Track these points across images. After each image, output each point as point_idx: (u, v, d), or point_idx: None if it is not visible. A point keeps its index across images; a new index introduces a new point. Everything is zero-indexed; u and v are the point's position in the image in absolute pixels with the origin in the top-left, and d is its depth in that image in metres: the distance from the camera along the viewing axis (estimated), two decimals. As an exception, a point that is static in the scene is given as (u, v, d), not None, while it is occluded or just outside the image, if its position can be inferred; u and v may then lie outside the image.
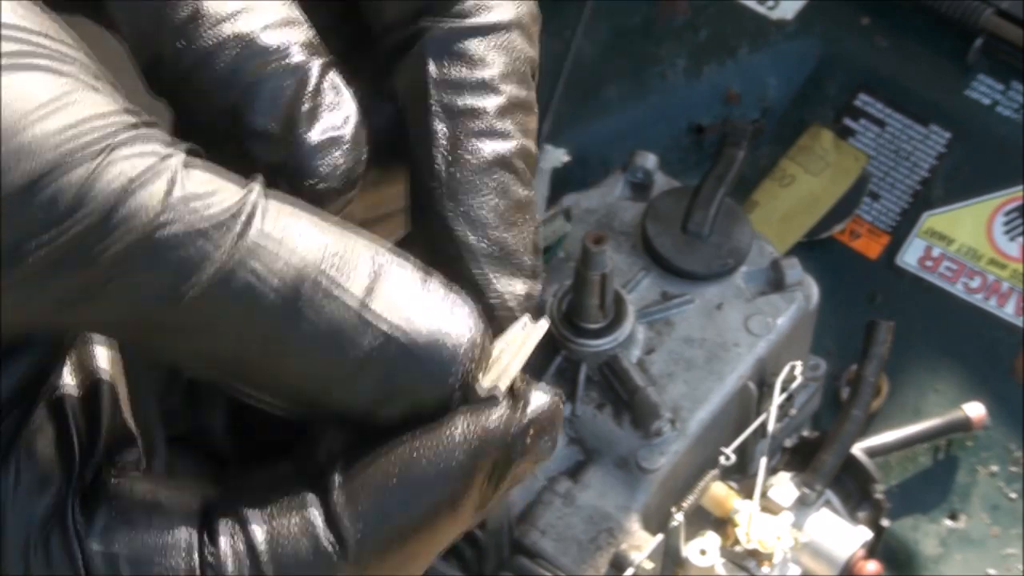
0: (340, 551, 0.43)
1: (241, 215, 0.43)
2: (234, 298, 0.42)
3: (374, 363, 0.44)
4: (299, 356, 0.43)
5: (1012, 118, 1.29)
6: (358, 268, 0.44)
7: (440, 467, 0.44)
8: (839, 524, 1.01)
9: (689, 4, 1.38)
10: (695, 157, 1.31)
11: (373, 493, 0.43)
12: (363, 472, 0.44)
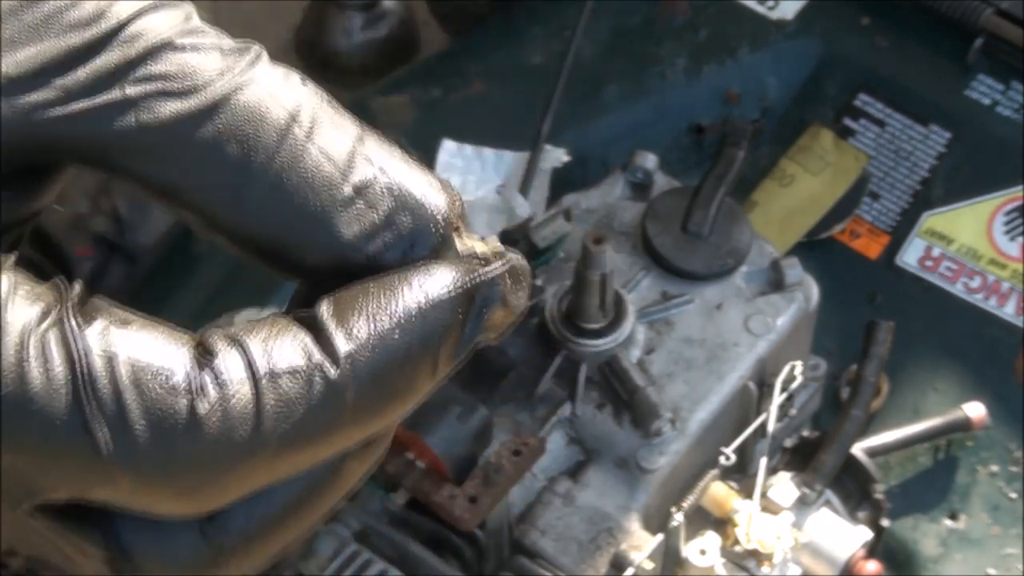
0: (332, 363, 0.42)
1: (249, 52, 0.45)
2: (242, 116, 0.43)
3: (367, 194, 0.44)
4: (299, 178, 0.43)
5: (1012, 118, 1.29)
6: (349, 119, 0.47)
7: (428, 296, 0.43)
8: (839, 524, 1.01)
9: (689, 4, 1.38)
10: (695, 157, 1.31)
11: (361, 315, 0.43)
12: (351, 297, 0.43)
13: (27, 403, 0.39)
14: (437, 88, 1.35)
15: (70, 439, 0.40)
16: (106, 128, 0.42)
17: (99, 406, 0.40)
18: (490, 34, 1.43)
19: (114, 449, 0.40)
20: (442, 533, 0.92)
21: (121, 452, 0.40)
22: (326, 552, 0.90)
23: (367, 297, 0.43)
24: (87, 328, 0.41)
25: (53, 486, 0.40)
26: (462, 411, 0.86)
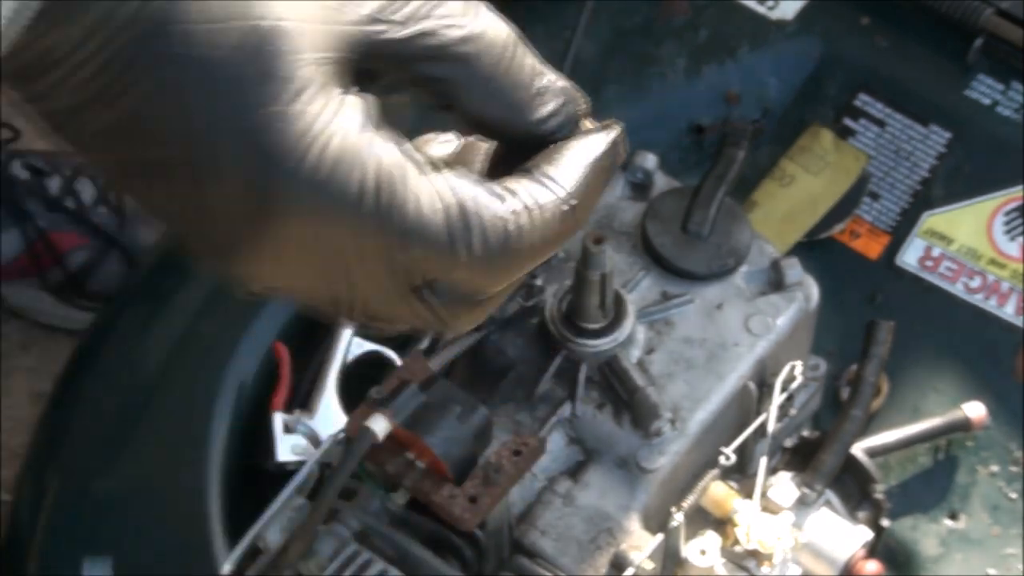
0: (570, 196, 0.65)
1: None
2: (486, 41, 0.69)
3: (547, 92, 0.68)
4: (511, 81, 0.68)
5: (1012, 118, 1.29)
6: (529, 45, 0.71)
7: (600, 147, 0.67)
8: (839, 524, 1.01)
9: (689, 4, 1.38)
10: (695, 157, 1.31)
11: (572, 164, 0.66)
12: (559, 155, 0.66)
13: (425, 225, 0.60)
14: (437, 88, 1.35)
15: (444, 246, 0.61)
16: (416, 44, 0.63)
17: (463, 226, 0.61)
18: (490, 34, 1.43)
19: (467, 251, 0.61)
20: (442, 533, 0.92)
21: (469, 252, 0.61)
22: (326, 552, 0.90)
23: (570, 152, 0.66)
24: (450, 176, 0.63)
25: (433, 272, 0.62)
26: (462, 411, 0.86)
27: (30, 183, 1.69)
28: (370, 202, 0.59)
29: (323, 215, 0.58)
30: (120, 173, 0.60)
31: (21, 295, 1.74)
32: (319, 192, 0.58)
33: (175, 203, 0.59)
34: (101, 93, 0.56)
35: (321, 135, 0.58)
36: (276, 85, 0.56)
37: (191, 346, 1.23)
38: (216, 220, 0.59)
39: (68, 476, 1.19)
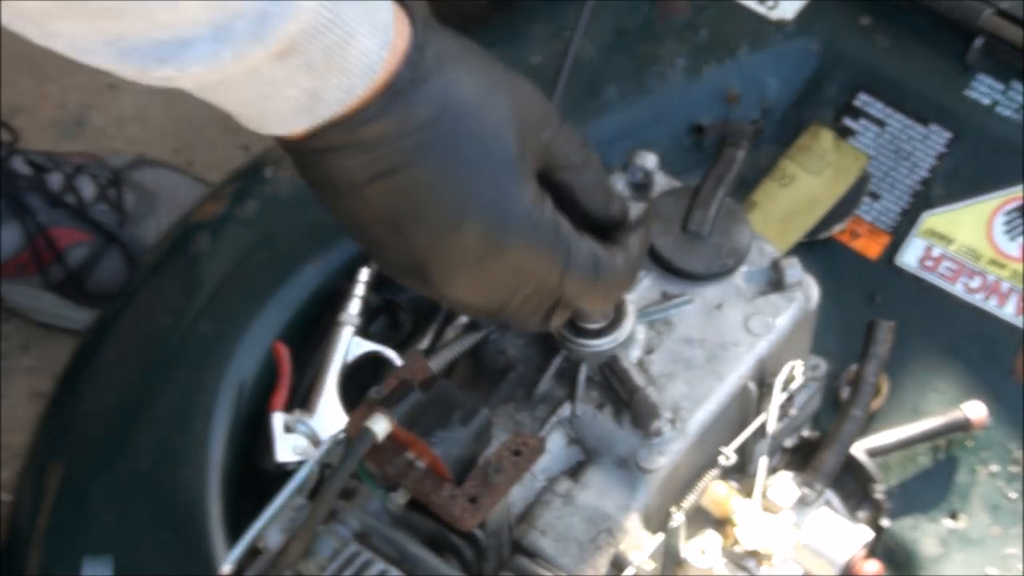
0: (631, 257, 0.91)
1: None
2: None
3: (616, 196, 0.92)
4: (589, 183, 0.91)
5: (1012, 118, 1.29)
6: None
7: (645, 234, 0.93)
8: (839, 524, 1.01)
9: (689, 4, 1.38)
10: (695, 157, 1.31)
11: (634, 238, 0.91)
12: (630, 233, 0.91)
13: (580, 267, 0.87)
14: (437, 88, 1.35)
15: (587, 282, 0.87)
16: (564, 159, 0.88)
17: (596, 271, 0.88)
18: (490, 34, 1.43)
19: (595, 287, 0.88)
20: (442, 533, 0.92)
21: (595, 287, 0.88)
22: (326, 552, 0.90)
23: (635, 235, 0.91)
24: (588, 238, 0.88)
25: (568, 296, 0.88)
26: (462, 411, 0.86)
27: (31, 179, 1.69)
28: (561, 249, 0.85)
29: (533, 252, 0.84)
30: (381, 224, 0.81)
31: (21, 294, 1.74)
32: (537, 237, 0.83)
33: (420, 247, 0.82)
34: (395, 166, 0.78)
35: (539, 201, 0.83)
36: (517, 169, 0.82)
37: (191, 346, 1.23)
38: (455, 255, 0.82)
39: (68, 476, 1.19)
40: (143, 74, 0.69)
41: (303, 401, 1.16)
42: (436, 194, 0.80)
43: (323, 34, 0.72)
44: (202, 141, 1.97)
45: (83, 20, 0.66)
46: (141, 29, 0.67)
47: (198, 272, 1.27)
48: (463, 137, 0.79)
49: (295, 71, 0.72)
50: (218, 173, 1.72)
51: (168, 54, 0.68)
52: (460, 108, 0.79)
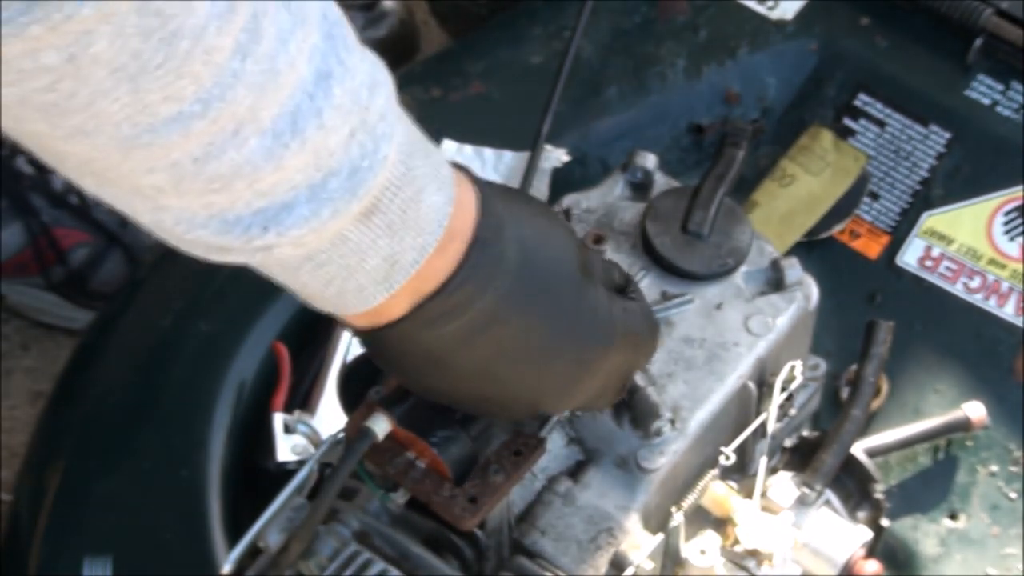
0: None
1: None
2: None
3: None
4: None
5: (1012, 118, 1.29)
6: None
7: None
8: (839, 524, 1.01)
9: (689, 4, 1.38)
10: (695, 157, 1.31)
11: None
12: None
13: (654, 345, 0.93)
14: (437, 88, 1.36)
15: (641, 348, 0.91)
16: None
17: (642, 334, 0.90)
18: (490, 34, 1.43)
19: (648, 343, 0.92)
20: (442, 533, 0.92)
21: (649, 342, 0.92)
22: (326, 552, 0.90)
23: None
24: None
25: (638, 362, 0.93)
26: (462, 412, 0.86)
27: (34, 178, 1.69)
28: (635, 331, 0.88)
29: (621, 349, 0.86)
30: (476, 379, 0.81)
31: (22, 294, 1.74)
32: (620, 335, 0.86)
33: (521, 388, 0.83)
34: (487, 321, 0.78)
35: (609, 301, 0.85)
36: (588, 284, 0.83)
37: (191, 346, 1.23)
38: (557, 382, 0.84)
39: (68, 476, 1.19)
40: (246, 244, 0.70)
41: (303, 401, 1.16)
42: (528, 336, 0.80)
43: (400, 189, 0.73)
44: (202, 141, 1.97)
45: (194, 194, 0.67)
46: (246, 198, 0.68)
47: (198, 272, 1.27)
48: (542, 274, 0.80)
49: (377, 233, 0.73)
50: None
51: (270, 219, 0.69)
52: (534, 248, 0.80)
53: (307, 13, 0.66)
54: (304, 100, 0.66)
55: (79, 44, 0.58)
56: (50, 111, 0.61)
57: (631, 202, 1.06)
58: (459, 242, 0.76)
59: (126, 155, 0.64)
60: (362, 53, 0.70)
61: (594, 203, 1.06)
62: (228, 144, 0.65)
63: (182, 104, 0.62)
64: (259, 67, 0.64)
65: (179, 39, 0.60)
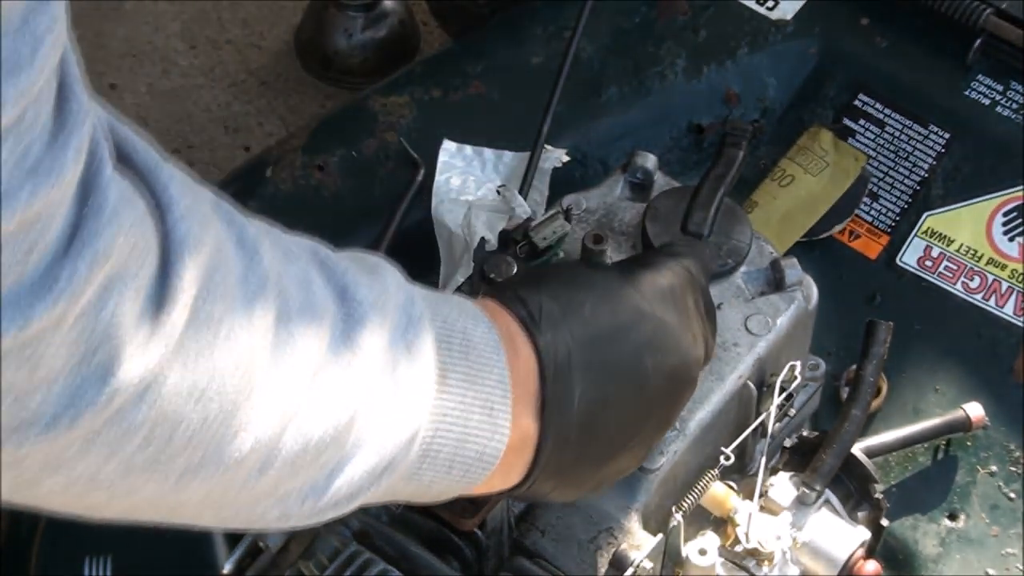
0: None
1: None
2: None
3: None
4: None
5: (1012, 118, 1.29)
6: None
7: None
8: (838, 524, 1.01)
9: (689, 4, 1.38)
10: (695, 157, 1.31)
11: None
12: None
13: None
14: (437, 88, 1.36)
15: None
16: None
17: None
18: (490, 34, 1.43)
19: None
20: (442, 533, 0.92)
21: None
22: (326, 552, 0.90)
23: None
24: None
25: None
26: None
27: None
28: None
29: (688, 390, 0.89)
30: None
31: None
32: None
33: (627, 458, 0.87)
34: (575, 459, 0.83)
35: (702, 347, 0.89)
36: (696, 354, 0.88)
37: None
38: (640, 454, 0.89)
39: (68, 476, 1.19)
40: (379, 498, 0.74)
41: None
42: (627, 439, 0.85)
43: (449, 432, 0.75)
44: (202, 141, 1.97)
45: (287, 478, 0.68)
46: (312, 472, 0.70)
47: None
48: (609, 382, 0.82)
49: (427, 470, 0.76)
50: (218, 173, 1.72)
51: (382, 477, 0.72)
52: (602, 368, 0.81)
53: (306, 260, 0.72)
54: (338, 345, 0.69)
55: (154, 385, 0.58)
56: (155, 464, 0.61)
57: (631, 202, 1.06)
58: (528, 447, 0.79)
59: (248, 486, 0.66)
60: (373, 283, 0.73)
61: (594, 203, 1.06)
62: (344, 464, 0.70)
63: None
64: (300, 326, 0.67)
65: (233, 335, 0.62)
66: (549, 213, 1.04)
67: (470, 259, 1.13)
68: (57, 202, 0.53)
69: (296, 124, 1.98)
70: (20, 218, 0.51)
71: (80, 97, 0.55)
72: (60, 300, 0.53)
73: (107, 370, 0.56)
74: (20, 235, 0.52)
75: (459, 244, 1.20)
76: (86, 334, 0.55)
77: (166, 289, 0.58)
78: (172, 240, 0.58)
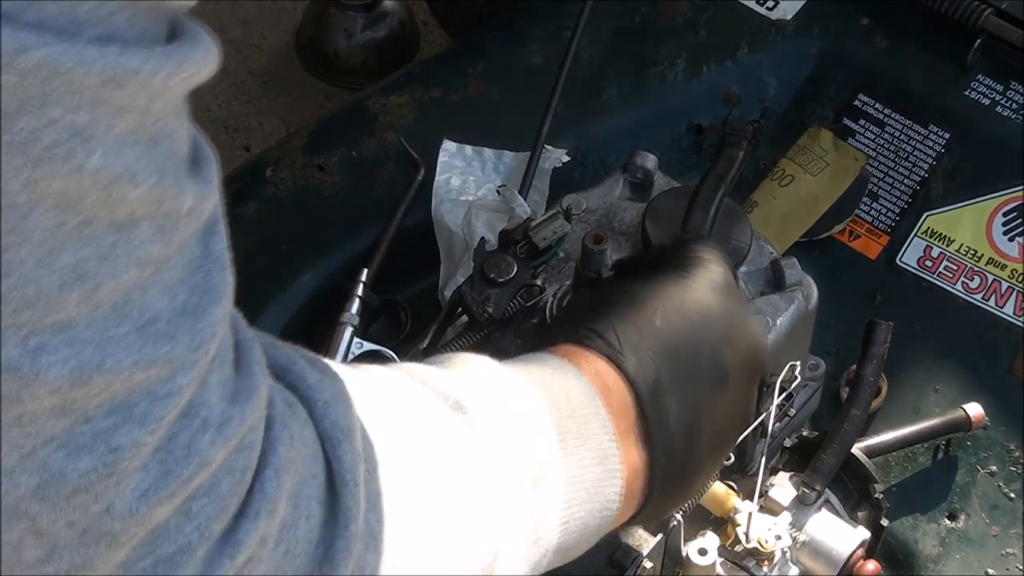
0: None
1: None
2: None
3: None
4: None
5: (1012, 118, 1.29)
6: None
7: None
8: (838, 524, 1.01)
9: (689, 4, 1.38)
10: (695, 157, 1.31)
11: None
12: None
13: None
14: (437, 88, 1.36)
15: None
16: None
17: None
18: (490, 34, 1.43)
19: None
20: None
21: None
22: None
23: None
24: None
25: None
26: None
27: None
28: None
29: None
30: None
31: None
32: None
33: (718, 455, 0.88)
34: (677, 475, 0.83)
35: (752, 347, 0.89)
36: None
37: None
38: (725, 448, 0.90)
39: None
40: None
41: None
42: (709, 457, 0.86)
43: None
44: (202, 141, 1.97)
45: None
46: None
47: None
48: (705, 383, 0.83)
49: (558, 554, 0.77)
50: (218, 173, 1.71)
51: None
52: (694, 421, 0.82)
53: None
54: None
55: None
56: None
57: (631, 202, 1.06)
58: (634, 495, 0.80)
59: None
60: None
61: (594, 203, 1.06)
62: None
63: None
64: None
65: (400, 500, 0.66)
66: (549, 213, 1.04)
67: (470, 259, 1.13)
68: (256, 420, 0.57)
69: (296, 124, 1.98)
70: (231, 433, 0.56)
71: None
72: (261, 518, 0.57)
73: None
74: (236, 452, 0.56)
75: (459, 244, 1.20)
76: (287, 547, 0.59)
77: (336, 480, 0.61)
78: (325, 431, 0.62)
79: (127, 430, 0.52)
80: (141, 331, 0.52)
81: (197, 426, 0.54)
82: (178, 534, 0.54)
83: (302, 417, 0.61)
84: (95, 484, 0.51)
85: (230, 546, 0.56)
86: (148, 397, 0.52)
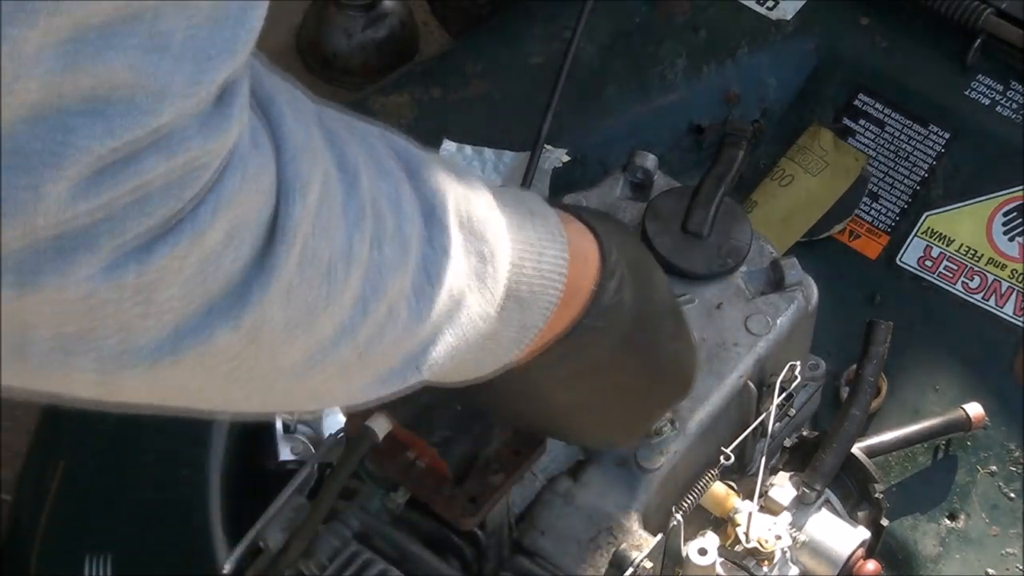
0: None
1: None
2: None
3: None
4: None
5: (1012, 118, 1.29)
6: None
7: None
8: (838, 524, 1.01)
9: (689, 4, 1.38)
10: (695, 157, 1.31)
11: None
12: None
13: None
14: (437, 88, 1.36)
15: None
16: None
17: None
18: (490, 34, 1.43)
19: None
20: (442, 533, 0.92)
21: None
22: (326, 552, 0.90)
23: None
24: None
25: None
26: (462, 411, 0.86)
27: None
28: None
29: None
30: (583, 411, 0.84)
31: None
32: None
33: (612, 411, 0.86)
34: (592, 369, 0.80)
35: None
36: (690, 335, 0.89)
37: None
38: (637, 416, 0.90)
39: (68, 476, 1.19)
40: (400, 388, 0.70)
41: (303, 401, 1.16)
42: (631, 379, 0.83)
43: (523, 269, 0.72)
44: (202, 141, 1.97)
45: (358, 377, 0.67)
46: (400, 355, 0.68)
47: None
48: (653, 321, 0.82)
49: (511, 314, 0.72)
50: None
51: (420, 360, 0.69)
52: (646, 295, 0.81)
53: (391, 166, 0.66)
54: (426, 248, 0.66)
55: (255, 324, 0.59)
56: (231, 387, 0.62)
57: (631, 202, 1.06)
58: (582, 295, 0.76)
59: (301, 383, 0.65)
60: (446, 174, 0.70)
61: (594, 203, 1.06)
62: (386, 327, 0.65)
63: (343, 316, 0.63)
64: (392, 246, 0.64)
65: (335, 268, 0.61)
66: (549, 213, 1.04)
67: (470, 259, 1.13)
68: (216, 152, 0.55)
69: (296, 124, 1.98)
70: (183, 160, 0.54)
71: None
72: (182, 241, 0.55)
73: (220, 311, 0.58)
74: (182, 178, 0.54)
75: (459, 244, 1.20)
76: (204, 276, 0.57)
77: (277, 232, 0.59)
78: (284, 182, 0.59)
79: (87, 132, 0.51)
80: (149, 41, 0.51)
81: (150, 141, 0.53)
82: (91, 229, 0.53)
83: (264, 160, 0.59)
84: (38, 167, 0.51)
85: (140, 255, 0.54)
86: (127, 107, 0.52)
